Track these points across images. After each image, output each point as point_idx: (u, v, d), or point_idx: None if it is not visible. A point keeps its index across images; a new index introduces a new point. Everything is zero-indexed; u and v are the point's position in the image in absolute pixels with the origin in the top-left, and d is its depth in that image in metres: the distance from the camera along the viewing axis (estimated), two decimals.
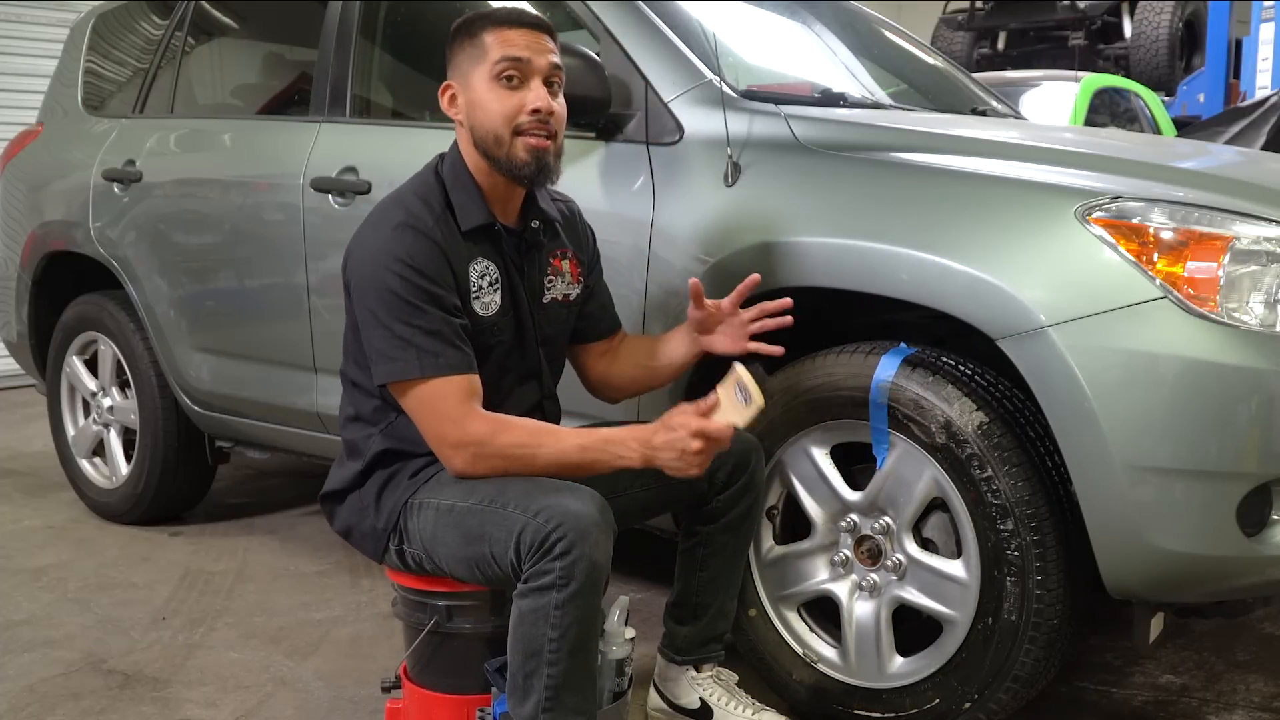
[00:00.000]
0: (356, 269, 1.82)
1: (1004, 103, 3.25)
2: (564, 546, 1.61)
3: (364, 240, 1.82)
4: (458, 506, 1.77)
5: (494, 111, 1.82)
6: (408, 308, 1.75)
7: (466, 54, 1.85)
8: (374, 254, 1.78)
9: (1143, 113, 6.94)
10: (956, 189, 1.97)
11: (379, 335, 1.76)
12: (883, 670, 2.08)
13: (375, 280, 1.77)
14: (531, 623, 1.64)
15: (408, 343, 1.74)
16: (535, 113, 1.82)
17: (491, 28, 1.84)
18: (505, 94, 1.82)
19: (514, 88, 1.82)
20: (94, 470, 3.68)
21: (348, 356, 1.94)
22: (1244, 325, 1.74)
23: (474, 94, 1.84)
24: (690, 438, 1.70)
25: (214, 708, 2.31)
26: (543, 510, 1.65)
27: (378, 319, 1.76)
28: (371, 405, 1.91)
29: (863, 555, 2.09)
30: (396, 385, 1.78)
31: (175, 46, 3.52)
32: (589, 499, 1.67)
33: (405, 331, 1.74)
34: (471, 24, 1.86)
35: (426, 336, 1.75)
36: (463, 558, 1.77)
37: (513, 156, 1.83)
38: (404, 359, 1.75)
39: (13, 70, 6.35)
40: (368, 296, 1.78)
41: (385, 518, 1.86)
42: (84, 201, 3.47)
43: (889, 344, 2.03)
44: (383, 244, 1.78)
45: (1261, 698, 2.33)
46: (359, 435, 1.93)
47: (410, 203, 1.82)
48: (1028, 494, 1.87)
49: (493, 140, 1.83)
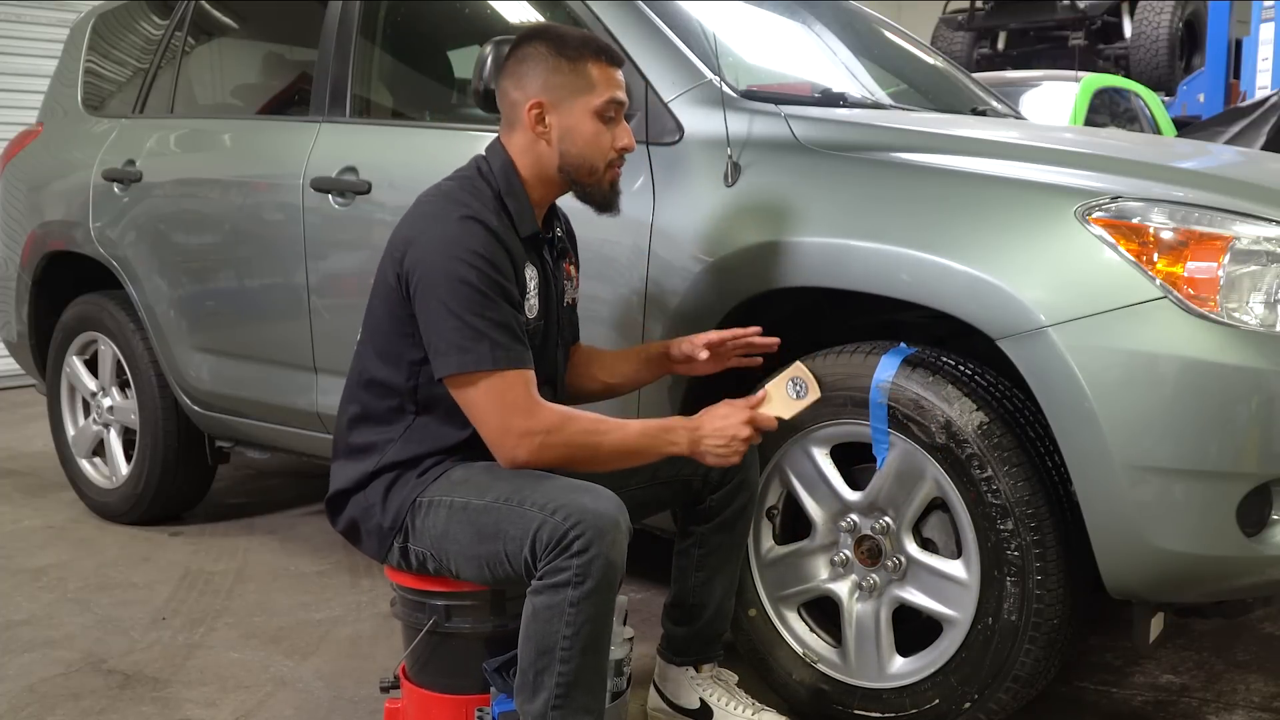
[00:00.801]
0: (422, 258, 1.78)
1: (1004, 103, 3.25)
2: (582, 544, 1.62)
3: (428, 231, 1.80)
4: (472, 504, 1.77)
5: (596, 147, 1.88)
6: (481, 299, 1.74)
7: (565, 80, 1.86)
8: (444, 244, 1.77)
9: (1143, 113, 6.94)
10: (957, 189, 1.97)
11: (450, 326, 1.75)
12: (883, 670, 2.08)
13: (447, 270, 1.75)
14: (545, 619, 1.65)
15: (481, 334, 1.74)
16: (624, 150, 1.91)
17: (593, 60, 1.87)
18: (604, 130, 1.88)
19: (610, 125, 1.89)
20: (94, 470, 3.67)
21: (369, 351, 1.91)
22: (1244, 325, 1.74)
23: (573, 122, 1.87)
24: (742, 425, 1.82)
25: (214, 708, 2.31)
26: (561, 508, 1.66)
27: (449, 310, 1.75)
28: (387, 406, 1.89)
29: (863, 555, 2.09)
30: (464, 376, 1.76)
31: (175, 46, 3.52)
32: (607, 499, 1.68)
33: (478, 323, 1.74)
34: (566, 47, 1.87)
35: (498, 329, 1.75)
36: (474, 555, 1.77)
37: (601, 185, 1.91)
38: (477, 350, 1.74)
39: (13, 70, 6.35)
40: (438, 287, 1.76)
41: (392, 516, 1.86)
42: (84, 201, 3.47)
43: (889, 344, 2.03)
44: (453, 235, 1.77)
45: (1261, 698, 2.33)
46: (372, 437, 1.90)
47: (468, 199, 1.82)
48: (1028, 494, 1.87)
49: (587, 170, 1.89)
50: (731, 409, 1.84)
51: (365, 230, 2.74)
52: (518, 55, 1.89)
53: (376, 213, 2.72)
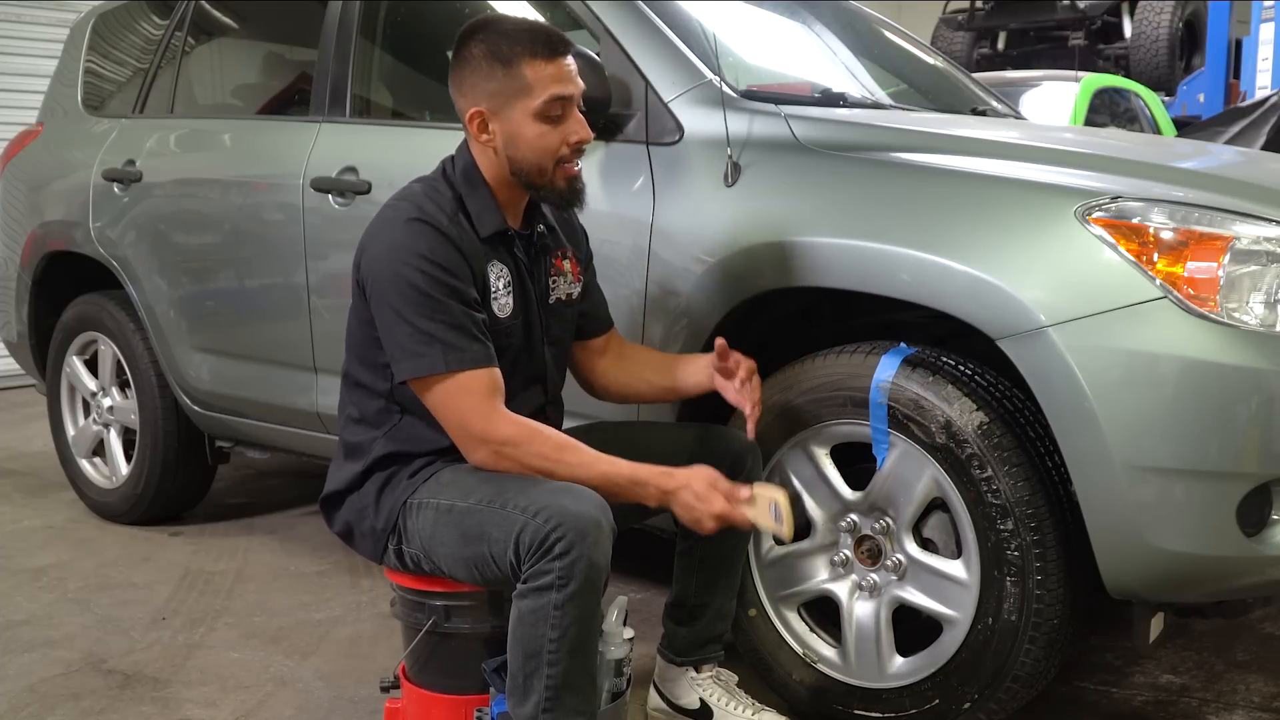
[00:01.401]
0: (372, 266, 1.80)
1: (1004, 103, 3.25)
2: (563, 547, 1.61)
3: (378, 237, 1.81)
4: (457, 506, 1.77)
5: (540, 149, 1.83)
6: (430, 302, 1.74)
7: (501, 84, 1.81)
8: (391, 250, 1.77)
9: (1143, 113, 6.93)
10: (957, 189, 1.97)
11: (402, 332, 1.75)
12: (883, 670, 2.08)
13: (394, 276, 1.75)
14: (531, 623, 1.65)
15: (432, 337, 1.74)
16: (577, 144, 1.85)
17: (529, 59, 1.80)
18: (550, 130, 1.83)
19: (556, 122, 1.83)
20: (94, 470, 3.67)
21: (351, 356, 1.93)
22: (1244, 325, 1.74)
23: (514, 127, 1.83)
24: (709, 518, 1.75)
25: (214, 708, 2.31)
26: (542, 510, 1.65)
27: (400, 315, 1.75)
28: (375, 407, 1.91)
29: (863, 555, 2.09)
30: (420, 381, 1.77)
31: (175, 46, 3.52)
32: (589, 500, 1.67)
33: (428, 326, 1.74)
34: (500, 49, 1.81)
35: (450, 330, 1.75)
36: (461, 558, 1.77)
37: (554, 185, 1.86)
38: (429, 354, 1.74)
39: (13, 70, 6.34)
40: (387, 294, 1.76)
41: (384, 518, 1.86)
42: (84, 201, 3.47)
43: (889, 344, 2.03)
44: (400, 240, 1.77)
45: (1261, 698, 2.33)
46: (362, 437, 1.92)
47: (422, 202, 1.82)
48: (1028, 494, 1.87)
49: (535, 172, 1.85)
50: (711, 493, 1.75)
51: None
52: (459, 57, 1.86)
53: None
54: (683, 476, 1.77)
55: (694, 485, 1.76)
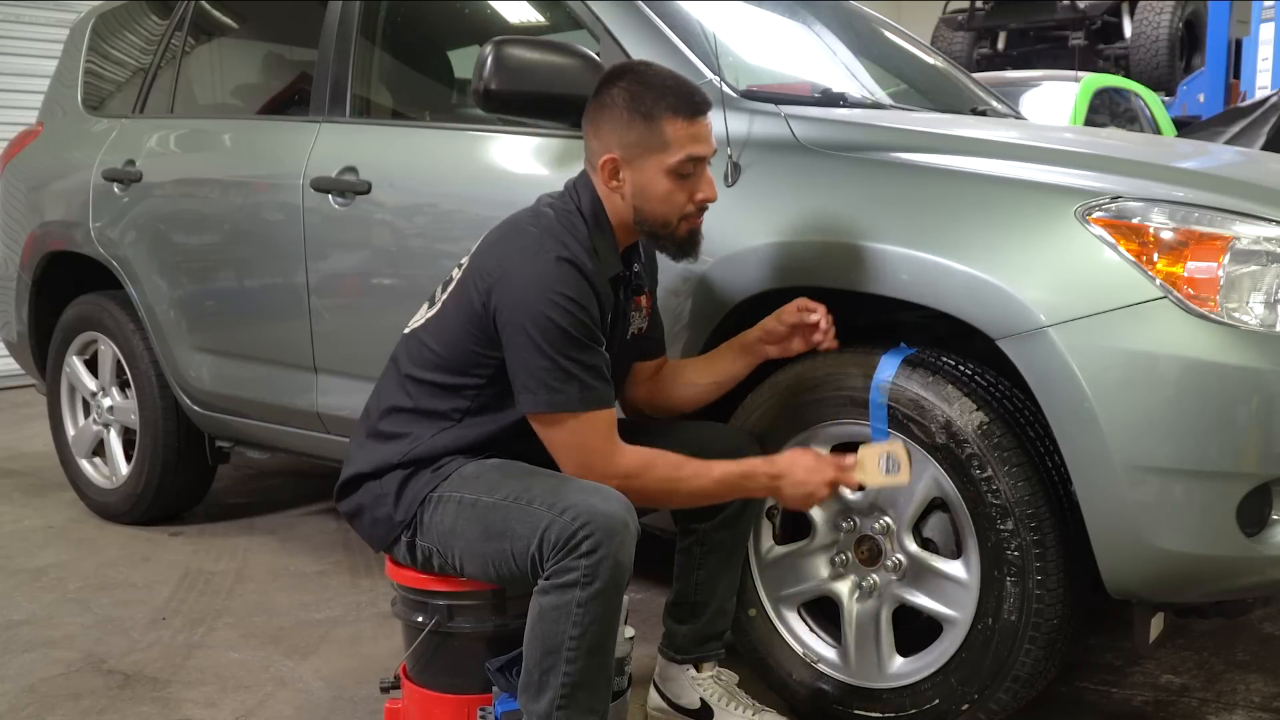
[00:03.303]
0: (514, 295, 1.77)
1: (1004, 103, 3.25)
2: (590, 545, 1.63)
3: (523, 268, 1.78)
4: (481, 501, 1.78)
5: (670, 204, 1.85)
6: (571, 341, 1.75)
7: (639, 137, 1.82)
8: (539, 284, 1.76)
9: (1143, 113, 6.94)
10: (957, 189, 1.97)
11: (540, 365, 1.75)
12: (883, 670, 2.08)
13: (537, 310, 1.75)
14: (552, 619, 1.66)
15: (570, 376, 1.75)
16: (704, 202, 1.87)
17: (671, 117, 1.81)
18: (681, 186, 1.84)
19: (688, 179, 1.85)
20: (94, 470, 3.67)
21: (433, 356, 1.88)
22: (1244, 325, 1.74)
23: (646, 180, 1.84)
24: (824, 484, 1.84)
25: (214, 708, 2.31)
26: (570, 508, 1.66)
27: (540, 350, 1.75)
28: (433, 407, 1.88)
29: (863, 555, 2.09)
30: (549, 415, 1.78)
31: (175, 46, 3.52)
32: (616, 500, 1.69)
33: (568, 365, 1.75)
34: (643, 102, 1.82)
35: (586, 371, 1.76)
36: (480, 553, 1.77)
37: (676, 238, 1.89)
38: (566, 391, 1.75)
39: (13, 70, 6.35)
40: (529, 326, 1.75)
41: (405, 510, 1.86)
42: (84, 201, 3.47)
43: (889, 344, 2.03)
44: (548, 276, 1.76)
45: (1261, 698, 2.33)
46: (405, 429, 1.88)
47: (565, 239, 1.80)
48: (1028, 494, 1.87)
49: (660, 224, 1.87)
50: (819, 464, 1.85)
51: (365, 230, 2.74)
52: (598, 100, 1.87)
53: (376, 213, 2.72)
54: (785, 460, 1.86)
55: (801, 461, 1.85)
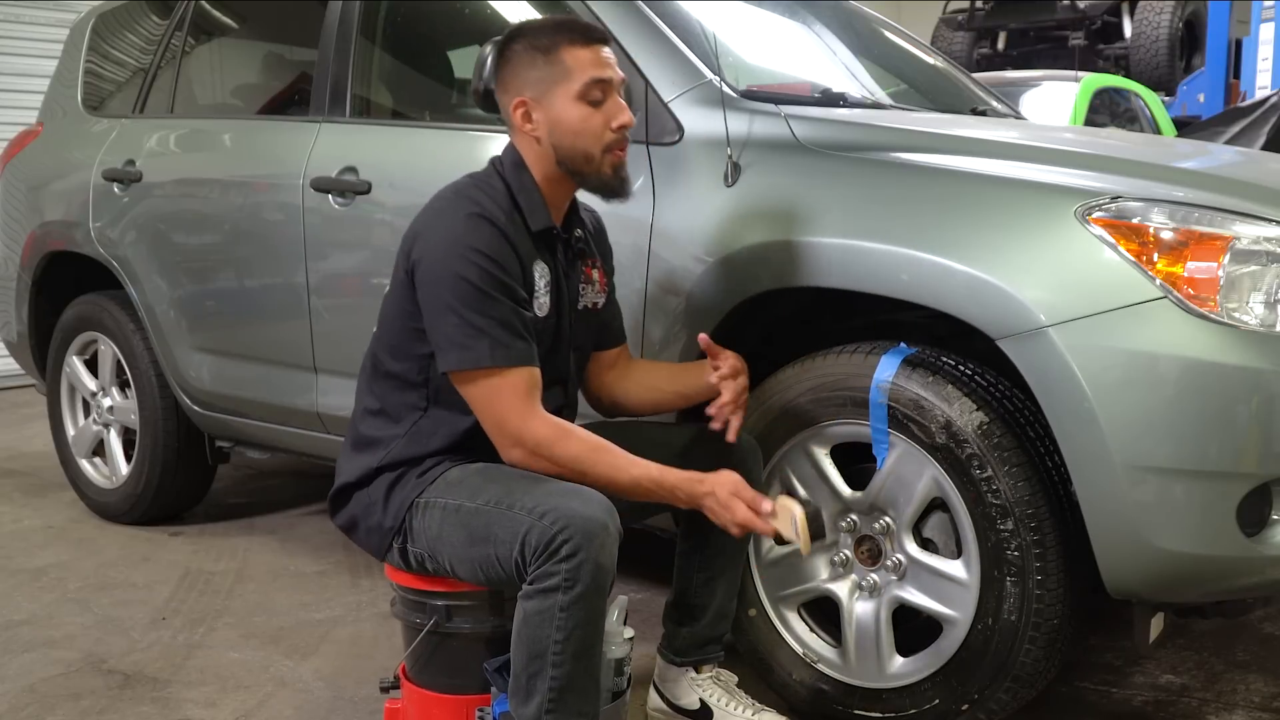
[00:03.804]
0: (426, 255, 1.80)
1: (1004, 103, 3.25)
2: (570, 549, 1.62)
3: (434, 228, 1.82)
4: (465, 507, 1.77)
5: (586, 132, 1.85)
6: (482, 296, 1.75)
7: (542, 72, 1.85)
8: (448, 242, 1.78)
9: (1143, 113, 6.93)
10: (957, 189, 1.97)
11: (451, 323, 1.77)
12: (883, 670, 2.08)
13: (449, 268, 1.76)
14: (536, 624, 1.65)
15: (481, 331, 1.75)
16: (621, 128, 1.86)
17: (569, 46, 1.84)
18: (592, 112, 1.85)
19: (598, 106, 1.85)
20: (94, 470, 3.67)
21: (383, 345, 1.93)
22: (1244, 325, 1.74)
23: (557, 113, 1.85)
24: (733, 525, 1.78)
25: (214, 708, 2.31)
26: (549, 512, 1.66)
27: (450, 308, 1.76)
28: (401, 399, 1.90)
29: (863, 555, 2.09)
30: (463, 374, 1.79)
31: (175, 46, 3.52)
32: (596, 503, 1.68)
33: (479, 320, 1.75)
34: (540, 39, 1.85)
35: (499, 326, 1.76)
36: (467, 558, 1.77)
37: (601, 171, 1.87)
38: (476, 348, 1.75)
39: (13, 70, 6.34)
40: (440, 284, 1.77)
41: (393, 516, 1.86)
42: (84, 201, 3.47)
43: (889, 344, 2.03)
44: (457, 232, 1.78)
45: (1261, 698, 2.33)
46: (380, 433, 1.91)
47: (478, 196, 1.83)
48: (1028, 494, 1.87)
49: (582, 158, 1.86)
50: (734, 502, 1.77)
51: (365, 230, 2.74)
52: (501, 59, 1.90)
53: (376, 213, 2.72)
54: (710, 483, 1.79)
55: (718, 493, 1.78)
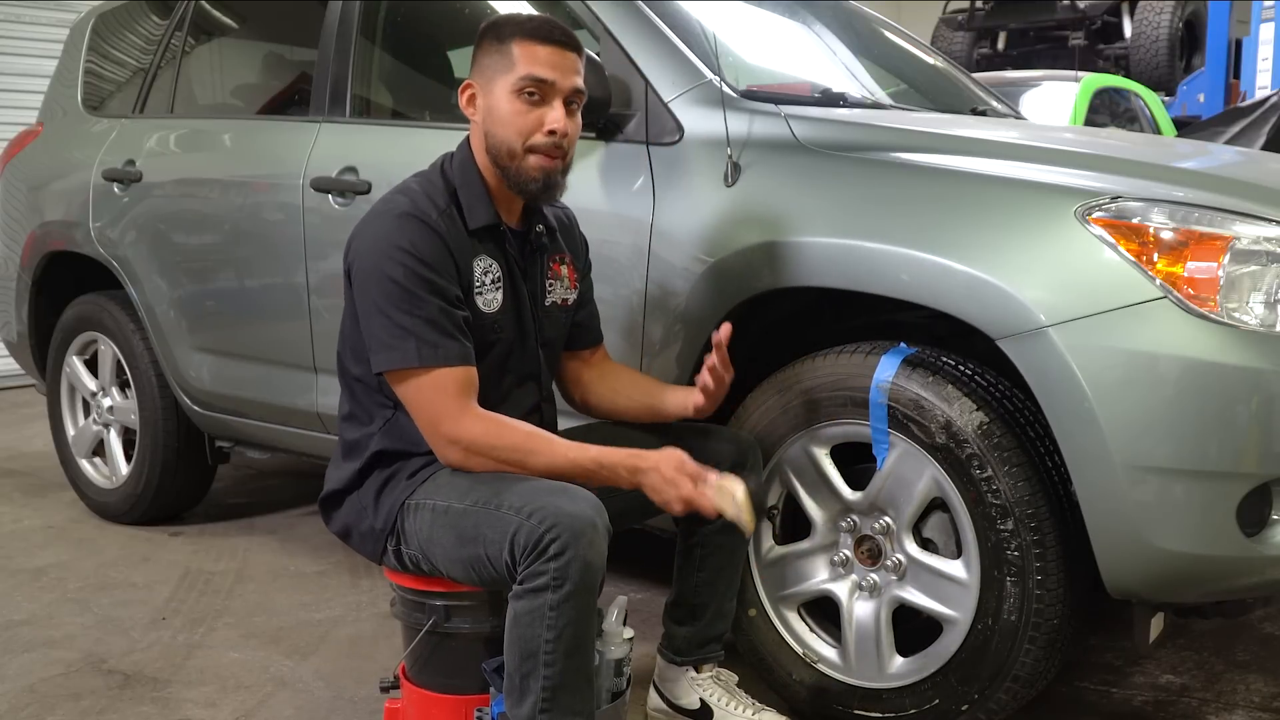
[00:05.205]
0: (358, 256, 1.82)
1: (1004, 103, 3.25)
2: (558, 548, 1.62)
3: (366, 229, 1.83)
4: (453, 508, 1.77)
5: (511, 125, 1.83)
6: (409, 296, 1.75)
7: (492, 59, 1.85)
8: (376, 242, 1.79)
9: (1143, 113, 6.93)
10: (956, 189, 1.97)
11: (379, 324, 1.77)
12: (883, 670, 2.08)
13: (377, 268, 1.77)
14: (527, 624, 1.65)
15: (407, 332, 1.75)
16: (551, 134, 1.83)
17: (521, 39, 1.83)
18: (525, 109, 1.83)
19: (534, 104, 1.83)
20: (94, 470, 3.67)
21: (345, 349, 1.94)
22: (1244, 325, 1.74)
23: (494, 101, 1.85)
24: (678, 500, 1.74)
25: (214, 708, 2.31)
26: (536, 512, 1.65)
27: (378, 307, 1.77)
28: (368, 401, 1.91)
29: (863, 555, 2.09)
30: (394, 374, 1.79)
31: (175, 46, 3.52)
32: (584, 500, 1.68)
33: (405, 320, 1.75)
34: (501, 29, 1.86)
35: (426, 326, 1.75)
36: (458, 559, 1.77)
37: (522, 171, 1.85)
38: (402, 348, 1.75)
39: (13, 70, 6.34)
40: (369, 284, 1.78)
41: (384, 518, 1.86)
42: (84, 201, 3.47)
43: (889, 344, 2.03)
44: (386, 232, 1.78)
45: (1261, 698, 2.33)
46: (357, 435, 1.93)
47: (414, 195, 1.84)
48: (1028, 494, 1.87)
49: (505, 151, 1.85)
50: (679, 477, 1.73)
51: None
52: (475, 47, 1.90)
53: None
54: (652, 459, 1.76)
55: (662, 469, 1.74)
